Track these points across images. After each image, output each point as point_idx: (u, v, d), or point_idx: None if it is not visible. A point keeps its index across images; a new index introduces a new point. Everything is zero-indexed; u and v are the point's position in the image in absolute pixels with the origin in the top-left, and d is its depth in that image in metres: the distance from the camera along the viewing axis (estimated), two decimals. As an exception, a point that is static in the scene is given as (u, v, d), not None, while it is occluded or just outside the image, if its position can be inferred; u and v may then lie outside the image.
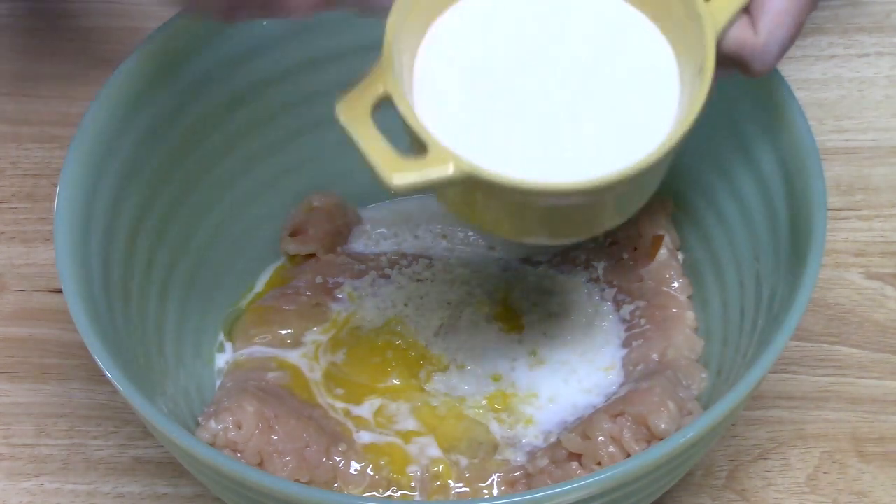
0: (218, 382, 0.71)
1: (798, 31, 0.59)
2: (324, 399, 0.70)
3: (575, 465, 0.64)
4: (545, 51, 0.60)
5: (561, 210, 0.58)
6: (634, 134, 0.58)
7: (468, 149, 0.57)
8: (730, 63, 0.59)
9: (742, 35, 0.59)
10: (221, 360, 0.72)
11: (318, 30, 0.71)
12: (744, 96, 0.67)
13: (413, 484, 0.67)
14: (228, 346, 0.73)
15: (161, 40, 0.67)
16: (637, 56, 0.60)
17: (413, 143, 0.57)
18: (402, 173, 0.55)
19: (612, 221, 0.61)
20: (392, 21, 0.58)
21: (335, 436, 0.67)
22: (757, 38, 0.58)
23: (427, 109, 0.58)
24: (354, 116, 0.56)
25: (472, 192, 0.58)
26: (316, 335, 0.72)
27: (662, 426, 0.63)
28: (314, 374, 0.71)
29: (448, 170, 0.55)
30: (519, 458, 0.67)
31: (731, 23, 0.58)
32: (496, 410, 0.69)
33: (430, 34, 0.60)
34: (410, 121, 0.56)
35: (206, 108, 0.70)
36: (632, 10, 0.60)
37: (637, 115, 0.58)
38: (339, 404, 0.69)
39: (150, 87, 0.67)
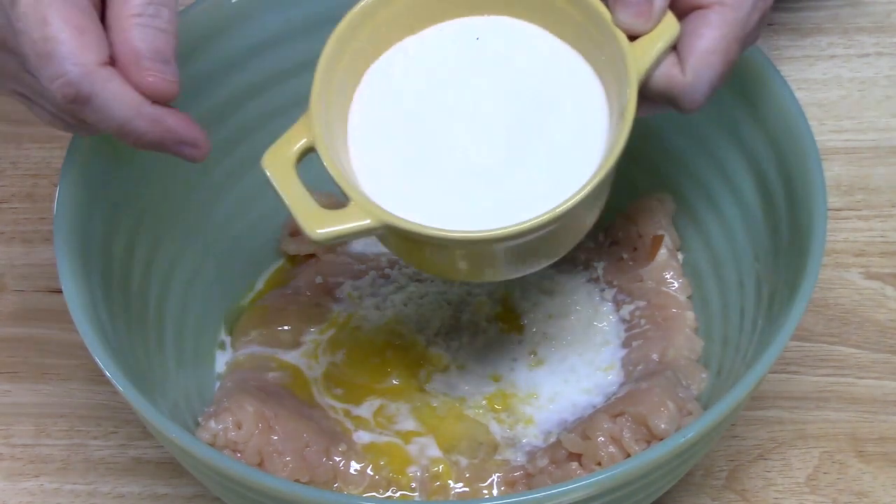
0: (218, 383, 0.71)
1: (729, 68, 0.59)
2: (323, 399, 0.70)
3: (575, 465, 0.64)
4: (478, 91, 0.60)
5: (491, 254, 0.59)
6: (562, 177, 0.58)
7: (396, 198, 0.58)
8: (660, 99, 0.59)
9: (669, 73, 0.59)
10: (221, 360, 0.72)
11: (317, 31, 0.71)
12: (743, 98, 0.66)
13: (413, 484, 0.67)
14: (228, 345, 0.73)
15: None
16: (569, 95, 0.60)
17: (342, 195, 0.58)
18: (322, 226, 0.57)
19: (553, 256, 0.62)
20: (320, 70, 0.59)
21: (335, 436, 0.67)
22: (685, 77, 0.58)
23: (359, 158, 0.60)
24: (279, 167, 0.58)
25: (402, 241, 0.59)
26: (316, 335, 0.72)
27: (662, 426, 0.63)
28: (314, 374, 0.71)
29: (366, 221, 0.57)
30: (519, 458, 0.67)
31: (658, 62, 0.58)
32: (496, 410, 0.69)
33: (363, 82, 0.61)
34: (332, 172, 0.57)
35: (207, 108, 0.70)
36: (566, 48, 0.61)
37: (565, 158, 0.59)
38: (339, 404, 0.69)
39: (150, 87, 0.67)
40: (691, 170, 0.71)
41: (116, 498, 0.71)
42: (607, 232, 0.74)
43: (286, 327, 0.72)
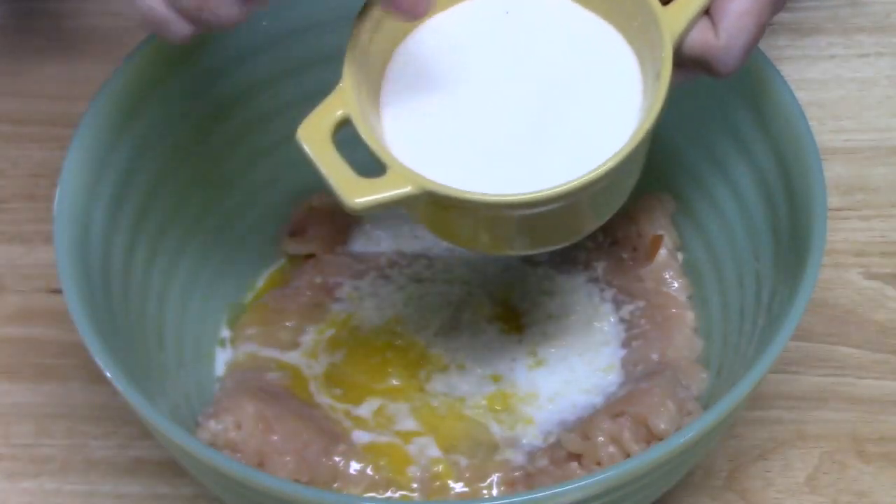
0: (218, 383, 0.71)
1: (760, 31, 0.59)
2: (323, 399, 0.70)
3: (575, 465, 0.64)
4: (510, 64, 0.60)
5: (530, 220, 0.59)
6: (597, 141, 0.58)
7: (433, 166, 0.57)
8: (694, 65, 0.59)
9: (703, 38, 0.59)
10: (221, 359, 0.72)
11: (319, 29, 0.71)
12: (743, 97, 0.67)
13: (413, 484, 0.67)
14: (228, 345, 0.73)
15: (161, 40, 0.67)
16: (601, 65, 0.60)
17: (377, 164, 0.57)
18: (361, 194, 0.56)
19: (589, 226, 0.62)
20: (351, 48, 0.58)
21: (335, 436, 0.67)
22: (718, 41, 0.58)
23: (393, 131, 0.59)
24: (314, 139, 0.57)
25: (438, 210, 0.58)
26: (315, 335, 0.72)
27: (662, 426, 0.63)
28: (314, 374, 0.71)
29: (406, 188, 0.56)
30: (519, 458, 0.67)
31: (691, 26, 0.58)
32: (496, 410, 0.69)
33: (397, 53, 0.61)
34: (369, 141, 0.57)
35: (207, 108, 0.70)
36: (596, 19, 0.61)
37: (600, 123, 0.59)
38: (339, 404, 0.69)
39: (150, 87, 0.67)
40: (691, 169, 0.71)
41: (116, 498, 0.71)
42: (607, 232, 0.74)
43: (286, 327, 0.72)
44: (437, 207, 0.58)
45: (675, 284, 0.71)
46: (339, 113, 0.57)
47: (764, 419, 0.72)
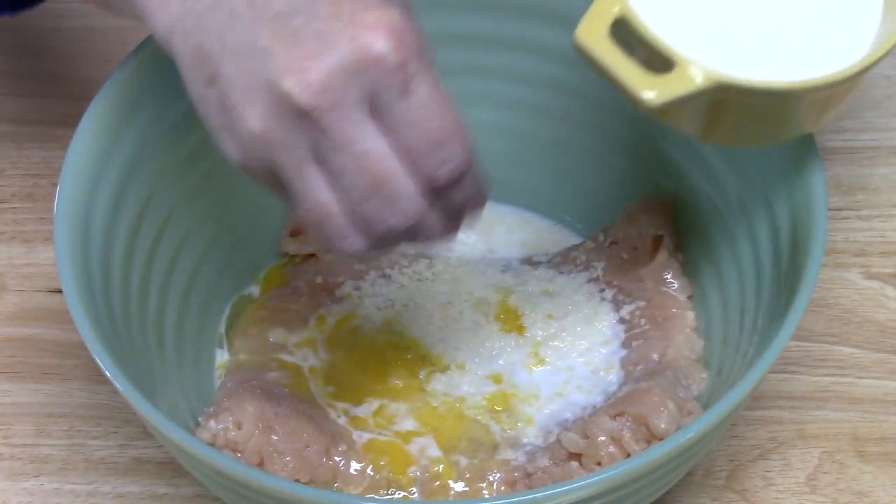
0: (218, 382, 0.71)
1: None
2: (323, 399, 0.70)
3: (575, 465, 0.64)
4: None
5: (806, 104, 0.59)
6: (847, 39, 0.59)
7: (710, 60, 0.57)
8: None
9: None
10: (221, 359, 0.72)
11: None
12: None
13: (413, 486, 0.67)
14: (228, 346, 0.73)
15: (161, 40, 0.67)
16: None
17: (651, 62, 0.57)
18: (655, 89, 0.56)
19: (814, 125, 0.62)
20: None
21: (335, 436, 0.67)
22: None
23: (659, 26, 0.58)
24: (595, 39, 0.56)
25: (714, 104, 0.58)
26: (315, 335, 0.72)
27: (662, 426, 0.63)
28: (314, 374, 0.71)
29: (697, 81, 0.56)
30: (519, 458, 0.68)
31: None
32: (496, 410, 0.69)
33: None
34: (650, 37, 0.57)
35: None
36: None
37: (847, 23, 0.59)
38: (339, 404, 0.70)
39: (150, 87, 0.67)
40: (690, 170, 0.71)
41: (116, 498, 0.71)
42: (607, 232, 0.74)
43: (286, 327, 0.72)
44: (712, 102, 0.57)
45: (676, 284, 0.71)
46: (616, 9, 0.57)
47: (764, 419, 0.72)
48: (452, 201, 0.56)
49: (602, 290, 0.73)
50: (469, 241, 0.76)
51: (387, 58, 0.53)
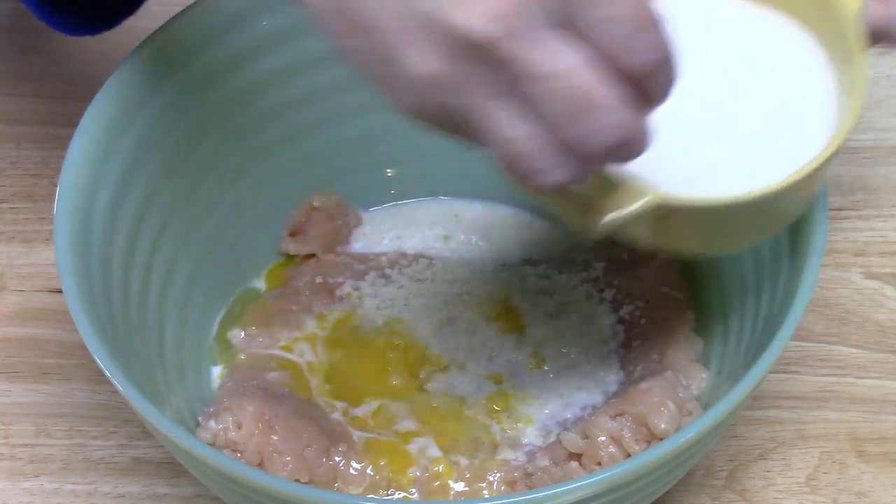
0: (218, 382, 0.71)
1: None
2: (323, 399, 0.70)
3: (575, 465, 0.64)
4: (697, 70, 0.58)
5: (747, 216, 0.58)
6: (796, 142, 0.58)
7: (651, 178, 0.55)
8: (874, 40, 0.59)
9: (875, 12, 0.58)
10: (221, 359, 0.72)
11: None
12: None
13: (413, 486, 0.67)
14: (228, 345, 0.73)
15: (161, 40, 0.67)
16: (789, 63, 0.60)
17: (590, 189, 0.55)
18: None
19: (782, 224, 0.62)
20: None
21: (335, 436, 0.67)
22: (888, 9, 0.58)
23: None
24: None
25: (659, 222, 0.57)
26: (316, 335, 0.72)
27: (662, 426, 0.63)
28: (314, 374, 0.71)
29: (643, 201, 0.54)
30: (519, 458, 0.67)
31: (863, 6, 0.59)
32: (496, 410, 0.69)
33: None
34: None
35: (206, 108, 0.70)
36: (779, 17, 0.61)
37: (795, 125, 0.59)
38: (339, 404, 0.69)
39: (150, 87, 0.67)
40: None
41: (116, 498, 0.71)
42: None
43: (286, 327, 0.72)
44: (660, 220, 0.56)
45: (675, 284, 0.71)
46: None
47: (764, 419, 0.72)
48: (653, 98, 0.50)
49: (602, 290, 0.73)
50: (469, 241, 0.76)
51: None
